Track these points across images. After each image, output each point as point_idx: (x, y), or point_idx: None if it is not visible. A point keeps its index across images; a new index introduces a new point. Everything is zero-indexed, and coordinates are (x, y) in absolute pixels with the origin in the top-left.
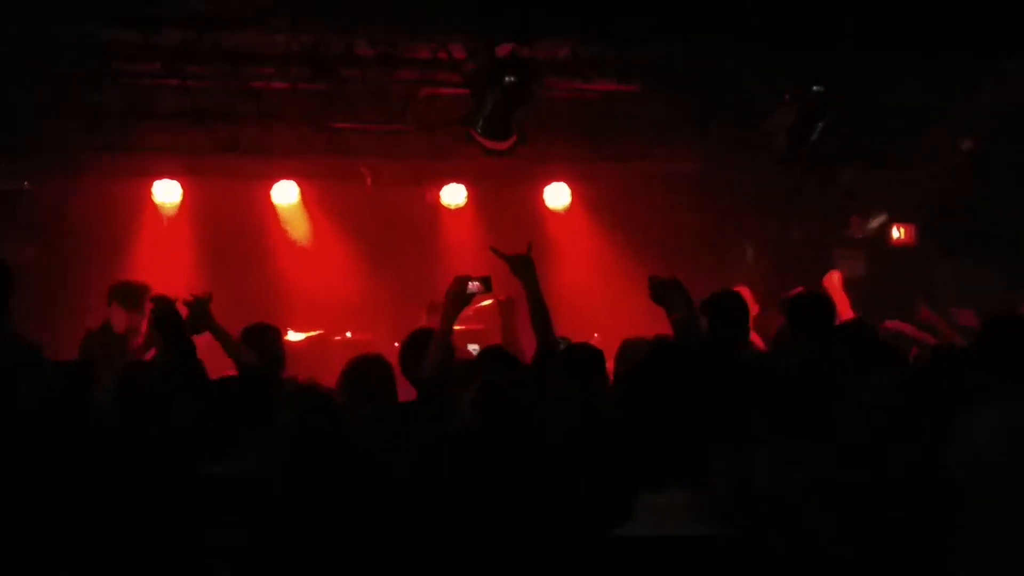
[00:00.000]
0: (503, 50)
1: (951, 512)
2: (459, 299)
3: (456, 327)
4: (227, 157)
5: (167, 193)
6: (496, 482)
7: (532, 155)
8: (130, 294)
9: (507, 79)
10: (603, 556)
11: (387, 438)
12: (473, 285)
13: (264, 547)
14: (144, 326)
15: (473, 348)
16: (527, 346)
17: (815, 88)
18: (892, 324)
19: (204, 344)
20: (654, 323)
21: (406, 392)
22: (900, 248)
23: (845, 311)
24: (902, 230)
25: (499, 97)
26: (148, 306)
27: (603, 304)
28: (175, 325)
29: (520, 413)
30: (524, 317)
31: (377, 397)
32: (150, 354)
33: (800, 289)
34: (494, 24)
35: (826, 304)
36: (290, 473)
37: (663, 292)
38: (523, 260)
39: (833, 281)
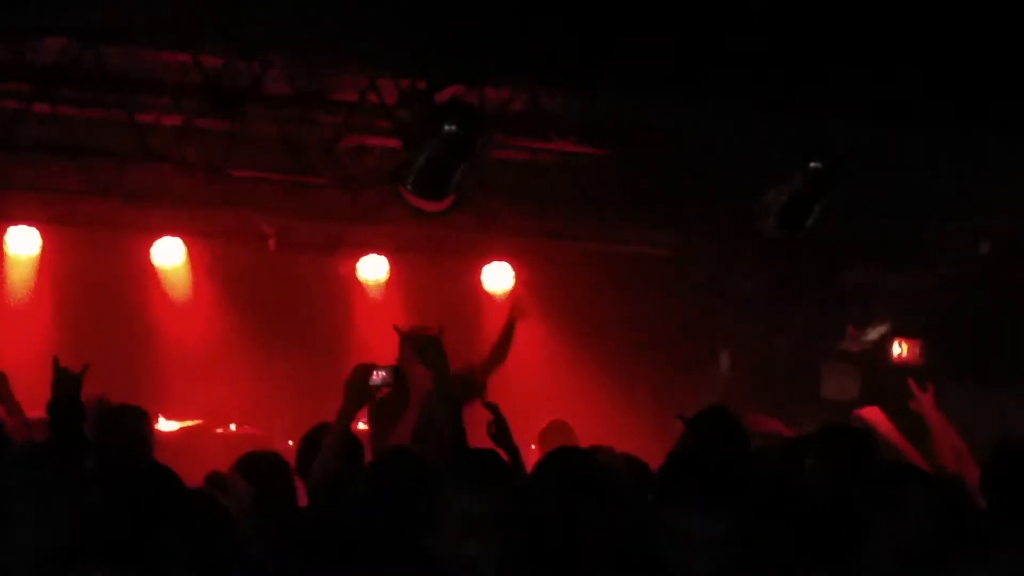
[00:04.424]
0: (445, 94)
1: None
2: (360, 392)
3: None
4: (100, 203)
5: (22, 242)
6: None
7: (471, 225)
8: None
9: (447, 127)
10: None
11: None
12: (378, 375)
13: None
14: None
15: None
16: None
17: (812, 164)
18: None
19: None
20: (606, 435)
21: None
22: (902, 367)
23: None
24: (905, 345)
25: (436, 148)
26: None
27: (546, 410)
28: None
29: None
30: None
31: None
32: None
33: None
34: (437, 63)
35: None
36: None
37: None
38: (432, 343)
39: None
